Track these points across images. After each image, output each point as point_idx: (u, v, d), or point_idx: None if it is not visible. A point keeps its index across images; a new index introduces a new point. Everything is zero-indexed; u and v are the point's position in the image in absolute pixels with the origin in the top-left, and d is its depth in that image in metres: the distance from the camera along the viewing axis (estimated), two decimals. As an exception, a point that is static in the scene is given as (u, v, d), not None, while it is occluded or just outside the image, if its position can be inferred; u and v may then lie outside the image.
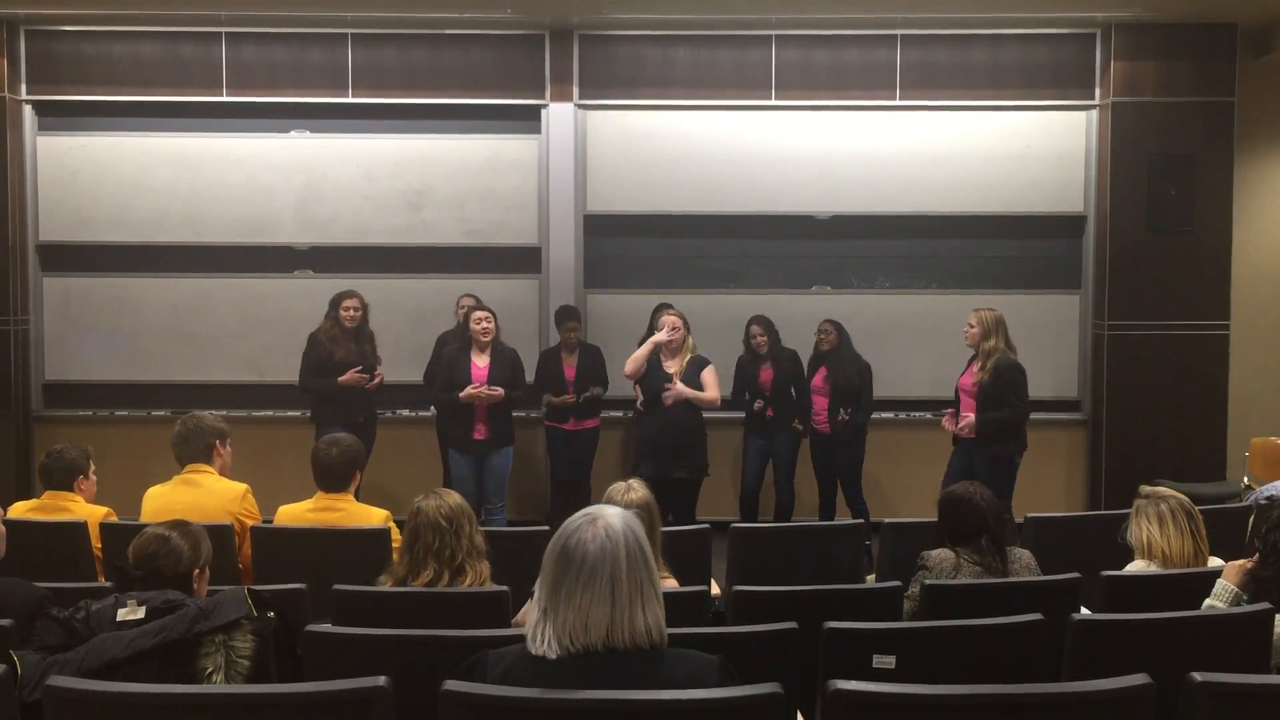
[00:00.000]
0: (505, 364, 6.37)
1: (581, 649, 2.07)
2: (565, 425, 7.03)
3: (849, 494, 6.85)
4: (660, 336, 6.20)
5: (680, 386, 6.13)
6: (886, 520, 4.82)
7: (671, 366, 6.22)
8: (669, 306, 6.67)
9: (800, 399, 6.86)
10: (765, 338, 6.75)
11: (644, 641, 2.09)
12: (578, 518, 2.16)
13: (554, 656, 2.07)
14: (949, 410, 6.25)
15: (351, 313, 6.62)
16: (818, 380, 6.80)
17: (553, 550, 2.13)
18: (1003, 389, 5.99)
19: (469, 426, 6.33)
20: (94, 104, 7.64)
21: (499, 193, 7.68)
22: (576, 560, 2.08)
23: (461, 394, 6.22)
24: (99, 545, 4.35)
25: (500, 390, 6.21)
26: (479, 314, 6.38)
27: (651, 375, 6.23)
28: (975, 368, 6.14)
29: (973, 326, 6.14)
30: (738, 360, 6.85)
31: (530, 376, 7.08)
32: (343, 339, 6.59)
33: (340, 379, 6.51)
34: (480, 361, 6.34)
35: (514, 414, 6.55)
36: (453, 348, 6.54)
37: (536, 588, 2.14)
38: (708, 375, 6.22)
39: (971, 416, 6.02)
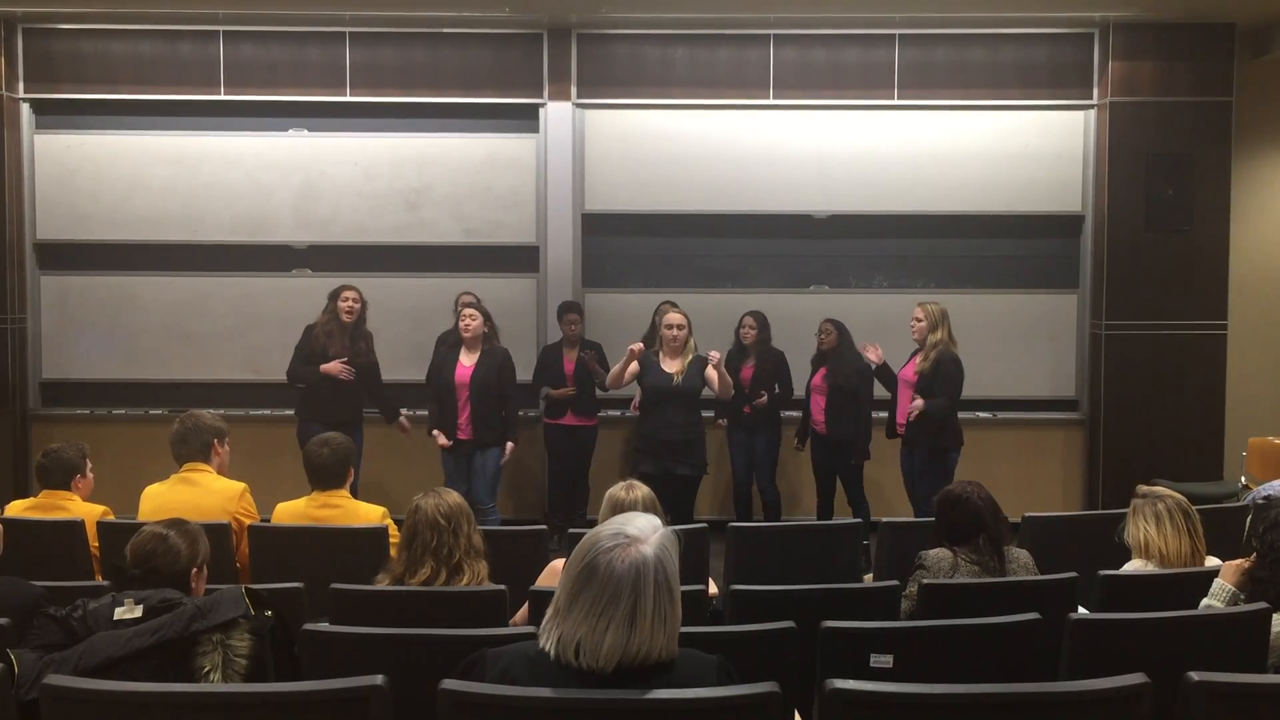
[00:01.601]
0: (493, 364, 6.35)
1: (587, 668, 2.03)
2: (562, 420, 7.04)
3: (850, 493, 6.84)
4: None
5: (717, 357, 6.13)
6: (884, 519, 4.82)
7: (673, 366, 6.21)
8: (673, 304, 6.65)
9: (784, 395, 6.86)
10: (755, 330, 6.76)
11: (654, 659, 2.06)
12: (612, 535, 2.06)
13: (553, 657, 2.06)
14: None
15: (349, 304, 6.58)
16: (817, 379, 6.79)
17: (579, 559, 2.06)
18: (939, 380, 6.09)
19: (454, 426, 6.33)
20: (92, 102, 7.63)
21: (497, 192, 7.68)
22: (600, 579, 2.02)
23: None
24: (96, 544, 4.35)
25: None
26: (466, 311, 6.39)
27: (652, 374, 6.22)
28: (917, 360, 6.25)
29: (920, 320, 6.25)
30: (727, 355, 6.84)
31: (529, 375, 7.10)
32: (338, 334, 6.55)
33: (322, 366, 6.47)
34: (467, 360, 6.34)
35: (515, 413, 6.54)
36: (444, 348, 6.54)
37: (558, 585, 2.10)
38: (711, 373, 6.24)
39: (920, 401, 6.09)
